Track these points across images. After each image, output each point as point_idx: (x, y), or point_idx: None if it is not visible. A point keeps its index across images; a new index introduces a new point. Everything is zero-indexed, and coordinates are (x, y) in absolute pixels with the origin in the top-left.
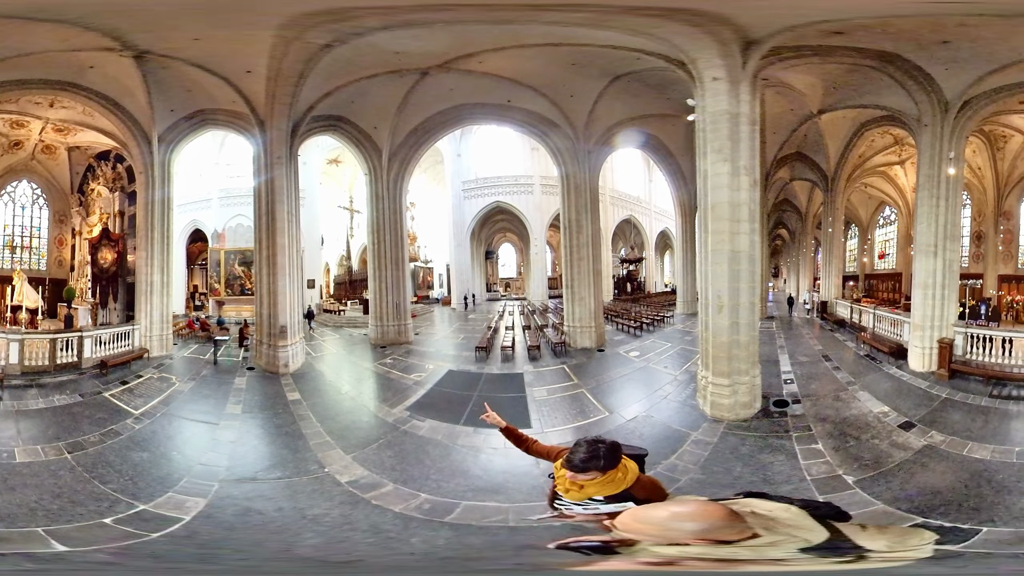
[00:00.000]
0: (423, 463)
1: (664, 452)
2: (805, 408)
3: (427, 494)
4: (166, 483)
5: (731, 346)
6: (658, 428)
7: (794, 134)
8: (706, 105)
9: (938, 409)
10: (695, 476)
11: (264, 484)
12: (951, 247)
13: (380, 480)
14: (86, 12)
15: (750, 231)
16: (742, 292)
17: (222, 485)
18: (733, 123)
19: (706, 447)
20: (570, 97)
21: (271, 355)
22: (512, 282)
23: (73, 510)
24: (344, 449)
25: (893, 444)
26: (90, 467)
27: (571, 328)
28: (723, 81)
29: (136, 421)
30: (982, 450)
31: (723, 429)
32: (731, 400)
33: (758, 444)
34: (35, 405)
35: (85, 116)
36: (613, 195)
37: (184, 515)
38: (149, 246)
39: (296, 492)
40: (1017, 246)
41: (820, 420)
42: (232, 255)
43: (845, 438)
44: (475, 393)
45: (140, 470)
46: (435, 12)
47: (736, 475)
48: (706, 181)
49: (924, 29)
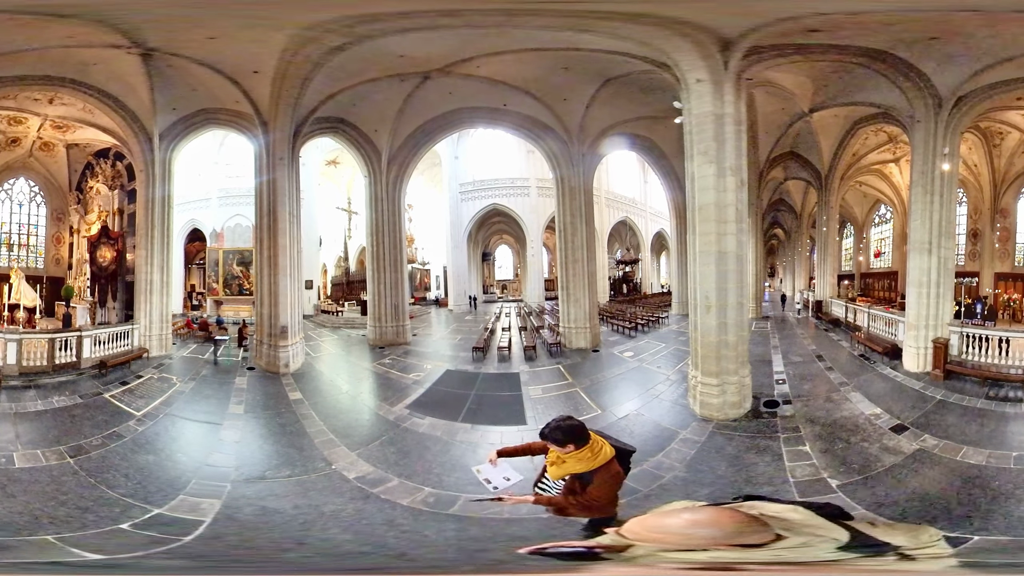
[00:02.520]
0: (424, 458)
1: (651, 450)
2: (796, 409)
3: (431, 488)
4: (175, 485)
5: (719, 346)
6: (648, 426)
7: (786, 133)
8: (691, 107)
9: (932, 411)
10: (679, 474)
11: (275, 483)
12: (946, 244)
13: (386, 475)
14: (104, 8)
15: (737, 231)
16: (730, 292)
17: (234, 486)
18: (718, 124)
19: (693, 446)
20: (563, 100)
21: (272, 355)
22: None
23: (83, 517)
24: (349, 446)
25: (883, 448)
26: (94, 472)
27: (566, 329)
28: (706, 83)
29: (139, 423)
30: (978, 455)
31: (711, 429)
32: (720, 400)
33: (744, 444)
34: (34, 407)
35: (85, 113)
36: (609, 197)
37: (203, 517)
38: (149, 245)
39: (308, 489)
40: (1014, 244)
41: (810, 422)
42: (230, 255)
43: (834, 440)
44: (472, 392)
45: (147, 473)
46: (442, 17)
47: (719, 474)
48: (693, 183)
49: (907, 25)
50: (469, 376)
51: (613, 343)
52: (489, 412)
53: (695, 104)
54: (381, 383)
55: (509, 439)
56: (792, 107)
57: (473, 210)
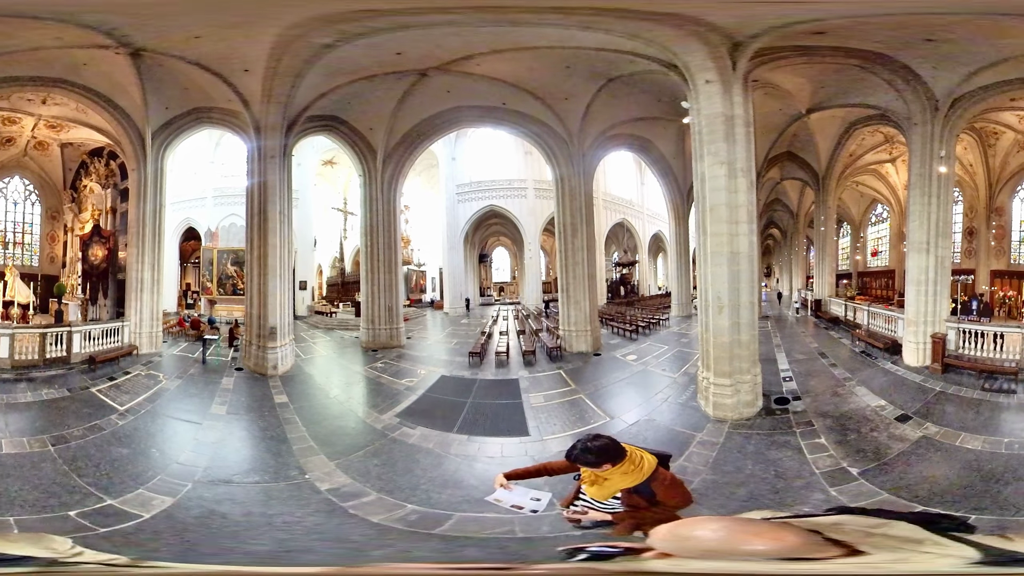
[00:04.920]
0: (412, 472)
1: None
2: (806, 404)
3: (415, 505)
4: (139, 480)
5: (733, 346)
6: (661, 431)
7: (784, 134)
8: (700, 108)
9: (932, 402)
10: (707, 477)
11: (239, 487)
12: (943, 244)
13: (363, 489)
14: (80, 11)
15: (749, 232)
16: (742, 292)
17: (195, 486)
18: (728, 125)
19: (713, 447)
20: (564, 100)
21: (260, 356)
22: (506, 286)
23: (47, 501)
24: (328, 455)
25: (891, 436)
26: (70, 460)
27: (567, 332)
28: (716, 84)
29: (120, 417)
30: (974, 441)
31: (728, 428)
32: (734, 400)
33: (764, 441)
34: (24, 399)
35: (78, 113)
36: (606, 199)
37: (144, 512)
38: (140, 243)
39: (271, 498)
40: (1009, 241)
41: (821, 415)
42: (225, 255)
43: (846, 431)
44: (469, 399)
45: (117, 466)
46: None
47: (748, 473)
48: (704, 184)
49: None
50: (465, 382)
51: (614, 346)
52: (487, 422)
53: (704, 105)
54: (371, 388)
55: (509, 451)
56: (790, 108)
57: (470, 211)
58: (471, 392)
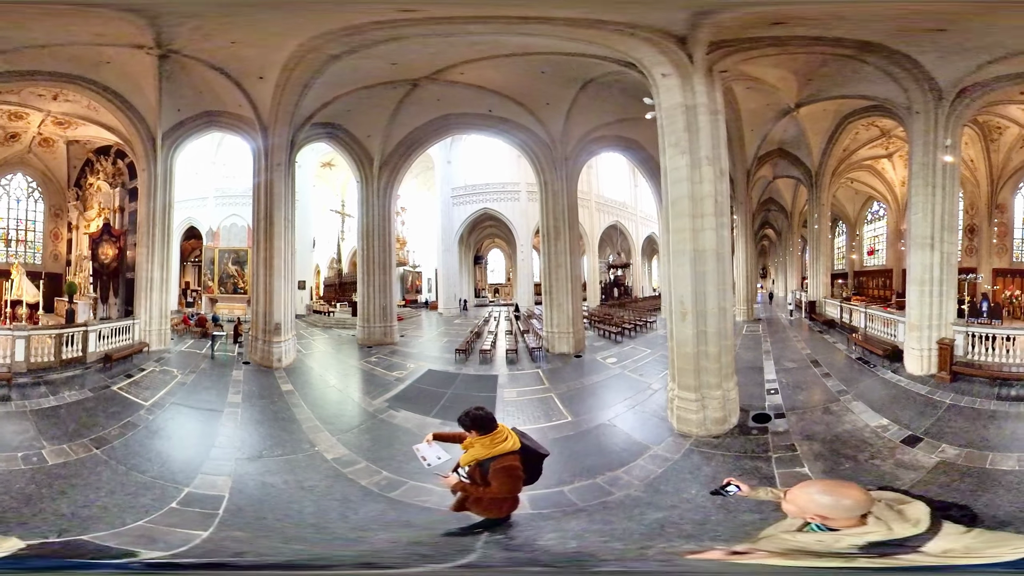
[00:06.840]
0: (392, 446)
1: (612, 464)
2: (790, 423)
3: (388, 472)
4: (192, 466)
5: (698, 357)
6: (617, 438)
7: (773, 130)
8: (661, 101)
9: (944, 418)
10: (632, 493)
11: (270, 460)
12: (949, 239)
13: (356, 458)
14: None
15: (716, 226)
16: (709, 296)
17: (238, 463)
18: (690, 114)
19: (663, 463)
20: (546, 105)
21: (266, 350)
22: (501, 287)
23: (132, 502)
24: (331, 432)
25: (899, 463)
26: (123, 459)
27: (549, 334)
28: (672, 76)
29: (148, 412)
30: (1007, 460)
31: (689, 446)
32: (699, 415)
33: (727, 465)
34: (47, 403)
35: (89, 111)
36: (599, 201)
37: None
38: (150, 243)
39: (294, 467)
40: (1012, 239)
41: (807, 438)
42: (226, 254)
43: (839, 459)
44: (449, 391)
45: (166, 457)
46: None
47: (684, 498)
48: (666, 177)
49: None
50: (449, 376)
51: (598, 348)
52: (461, 410)
53: (664, 98)
54: (366, 379)
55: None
56: (777, 102)
57: (465, 214)
58: (453, 384)
